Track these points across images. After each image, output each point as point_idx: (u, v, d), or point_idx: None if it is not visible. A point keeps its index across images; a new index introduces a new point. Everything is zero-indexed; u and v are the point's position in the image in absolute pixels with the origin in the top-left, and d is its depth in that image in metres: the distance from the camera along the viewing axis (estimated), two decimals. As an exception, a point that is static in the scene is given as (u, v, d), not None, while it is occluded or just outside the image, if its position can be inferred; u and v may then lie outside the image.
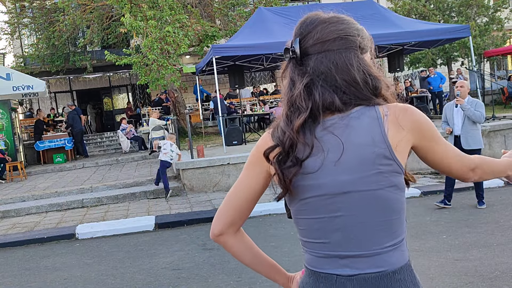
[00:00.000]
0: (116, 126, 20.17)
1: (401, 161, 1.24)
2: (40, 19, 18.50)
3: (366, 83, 1.26)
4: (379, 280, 1.24)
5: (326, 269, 1.28)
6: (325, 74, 1.25)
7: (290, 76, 1.31)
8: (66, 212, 8.65)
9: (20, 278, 5.38)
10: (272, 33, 10.96)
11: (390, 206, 1.24)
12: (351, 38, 1.29)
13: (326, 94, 1.24)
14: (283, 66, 1.36)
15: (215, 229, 1.37)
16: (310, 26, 1.31)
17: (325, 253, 1.28)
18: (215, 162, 9.25)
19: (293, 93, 1.27)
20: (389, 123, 1.24)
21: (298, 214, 1.33)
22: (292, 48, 1.30)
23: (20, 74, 13.60)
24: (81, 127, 15.82)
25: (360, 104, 1.25)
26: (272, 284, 4.54)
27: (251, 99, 19.18)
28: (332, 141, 1.23)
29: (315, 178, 1.24)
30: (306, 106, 1.24)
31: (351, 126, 1.23)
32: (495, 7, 18.33)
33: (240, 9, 16.55)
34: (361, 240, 1.25)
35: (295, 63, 1.30)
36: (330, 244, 1.27)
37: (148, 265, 5.42)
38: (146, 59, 13.30)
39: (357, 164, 1.22)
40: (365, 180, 1.22)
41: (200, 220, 7.22)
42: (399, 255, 1.27)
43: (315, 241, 1.30)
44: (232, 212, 1.36)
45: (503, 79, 20.96)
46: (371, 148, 1.21)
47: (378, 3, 14.36)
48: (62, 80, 21.80)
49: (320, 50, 1.27)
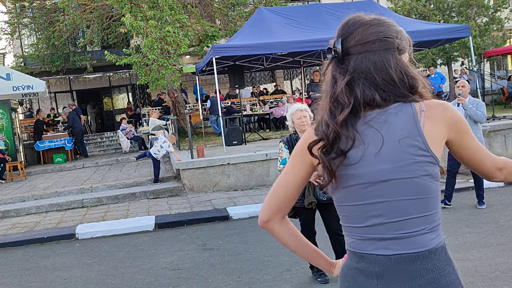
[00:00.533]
0: (116, 126, 20.17)
1: (436, 153, 1.35)
2: (40, 19, 18.49)
3: (403, 81, 1.36)
4: (415, 260, 1.34)
5: (367, 250, 1.40)
6: (365, 73, 1.35)
7: (332, 74, 1.41)
8: (66, 212, 8.65)
9: (20, 278, 5.38)
10: (272, 33, 10.95)
11: (425, 192, 1.35)
12: (390, 40, 1.38)
13: (367, 91, 1.35)
14: (325, 64, 1.46)
15: (263, 216, 1.50)
16: (352, 27, 1.41)
17: (365, 236, 1.40)
18: (215, 162, 9.25)
19: (336, 90, 1.37)
20: (426, 119, 1.35)
21: (340, 202, 1.45)
22: (335, 48, 1.39)
23: (20, 74, 13.60)
24: (81, 127, 15.82)
25: (397, 101, 1.36)
26: (272, 284, 4.55)
27: (251, 99, 19.19)
28: (372, 134, 1.36)
29: (356, 168, 1.36)
30: (349, 102, 1.35)
31: (389, 121, 1.35)
32: (495, 7, 18.34)
33: (240, 9, 16.54)
34: (399, 224, 1.36)
35: (336, 62, 1.40)
36: (370, 228, 1.39)
37: (148, 265, 5.42)
38: (146, 59, 13.29)
39: (395, 155, 1.34)
40: (402, 169, 1.34)
41: (200, 220, 7.22)
42: (434, 237, 1.37)
43: (356, 226, 1.42)
44: (278, 201, 1.48)
45: (503, 79, 20.96)
46: (408, 141, 1.33)
47: (378, 3, 14.36)
48: (62, 80, 21.80)
49: (360, 50, 1.37)
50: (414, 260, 1.35)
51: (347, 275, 1.45)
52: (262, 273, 4.81)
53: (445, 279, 1.35)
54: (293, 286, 4.43)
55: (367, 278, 1.39)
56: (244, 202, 8.04)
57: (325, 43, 7.06)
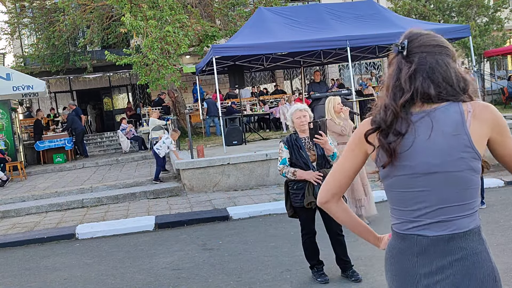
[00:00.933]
0: (116, 126, 20.17)
1: (479, 150, 1.51)
2: (40, 19, 18.48)
3: (458, 82, 1.55)
4: (451, 240, 1.54)
5: (410, 231, 1.59)
6: (427, 68, 1.55)
7: (397, 65, 1.60)
8: (66, 212, 8.65)
9: (20, 278, 5.38)
10: (272, 33, 10.95)
11: (467, 184, 1.53)
12: (447, 47, 1.60)
13: (425, 83, 1.54)
14: (390, 57, 1.66)
15: (322, 198, 1.74)
16: (415, 35, 1.61)
17: (409, 219, 1.59)
18: (215, 162, 9.25)
19: (400, 77, 1.57)
20: (472, 118, 1.51)
21: (390, 188, 1.64)
22: (402, 44, 1.59)
23: (20, 74, 13.59)
24: (82, 127, 15.82)
25: (448, 100, 1.54)
26: (272, 284, 4.55)
27: (251, 99, 19.18)
28: (423, 128, 1.53)
29: (407, 160, 1.55)
30: (410, 89, 1.54)
31: (439, 118, 1.52)
32: (495, 7, 18.34)
33: (240, 9, 16.54)
34: (440, 211, 1.54)
35: (402, 56, 1.59)
36: (414, 212, 1.58)
37: (148, 265, 5.42)
38: (146, 59, 13.29)
39: (442, 150, 1.51)
40: (449, 164, 1.51)
41: (200, 220, 7.22)
42: (471, 221, 1.55)
43: (402, 209, 1.61)
44: (335, 185, 1.71)
45: (503, 79, 20.96)
46: (455, 138, 1.50)
47: (378, 3, 14.36)
48: (62, 80, 21.79)
49: (423, 50, 1.57)
50: (450, 240, 1.54)
51: (392, 253, 1.67)
52: (262, 273, 4.81)
53: (476, 256, 1.53)
54: (293, 286, 4.43)
55: (408, 256, 1.60)
56: (244, 202, 8.04)
57: (325, 43, 7.20)
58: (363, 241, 5.80)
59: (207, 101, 16.14)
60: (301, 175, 4.27)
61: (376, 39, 11.07)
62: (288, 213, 4.56)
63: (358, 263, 4.77)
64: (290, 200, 4.45)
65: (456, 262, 1.53)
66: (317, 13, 11.87)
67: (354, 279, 4.36)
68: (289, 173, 4.31)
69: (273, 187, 9.18)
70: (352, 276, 4.39)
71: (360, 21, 11.67)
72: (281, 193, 8.19)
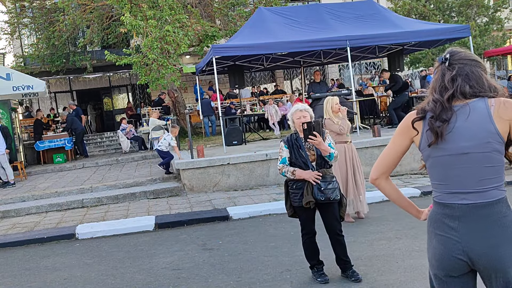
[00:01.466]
0: (116, 126, 20.17)
1: (503, 135, 1.95)
2: (40, 19, 18.48)
3: (488, 85, 2.03)
4: (485, 206, 1.96)
5: (450, 201, 2.02)
6: (464, 74, 2.04)
7: (441, 72, 2.09)
8: (66, 212, 8.65)
9: (20, 278, 5.38)
10: (272, 33, 10.94)
11: (493, 163, 1.97)
12: (479, 62, 2.09)
13: (463, 84, 2.02)
14: (435, 66, 2.15)
15: (374, 175, 2.20)
16: (455, 51, 2.11)
17: (449, 191, 2.03)
18: (215, 162, 9.25)
19: (444, 80, 2.06)
20: (495, 110, 1.95)
21: (431, 167, 2.08)
22: (446, 56, 2.10)
23: (20, 74, 13.58)
24: (82, 127, 15.81)
25: (478, 96, 2.00)
26: (272, 284, 4.54)
27: (251, 99, 19.18)
28: (461, 116, 1.98)
29: (447, 142, 1.99)
30: (452, 87, 2.02)
31: (472, 109, 1.97)
32: (495, 7, 18.34)
33: (240, 9, 16.54)
34: (473, 183, 1.98)
35: (445, 66, 2.09)
36: (452, 185, 2.02)
37: (148, 265, 5.42)
38: (146, 59, 13.28)
39: (474, 135, 1.95)
40: (479, 146, 1.95)
41: (200, 220, 7.22)
42: (499, 192, 1.98)
43: (442, 183, 2.05)
44: (384, 165, 2.18)
45: (503, 79, 20.95)
46: (483, 125, 1.95)
47: (378, 3, 14.35)
48: (62, 80, 21.79)
49: (461, 62, 2.07)
50: (484, 207, 1.96)
51: (435, 218, 2.08)
52: (262, 273, 4.81)
53: (505, 219, 1.96)
54: (293, 286, 4.43)
55: (450, 220, 2.01)
56: (244, 202, 8.04)
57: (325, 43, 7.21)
58: (363, 241, 5.82)
59: (201, 101, 16.22)
60: (300, 175, 4.27)
61: (376, 39, 11.06)
62: (288, 212, 4.56)
63: (358, 263, 4.77)
64: (290, 199, 4.46)
65: (490, 223, 1.95)
66: (317, 13, 11.86)
67: (354, 279, 4.36)
68: (288, 172, 4.32)
69: (273, 187, 9.18)
70: (352, 276, 4.39)
71: (360, 21, 11.66)
72: (281, 193, 8.19)
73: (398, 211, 6.92)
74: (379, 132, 10.28)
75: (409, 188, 8.15)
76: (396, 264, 4.74)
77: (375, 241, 5.55)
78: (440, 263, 2.06)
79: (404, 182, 8.87)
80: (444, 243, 2.02)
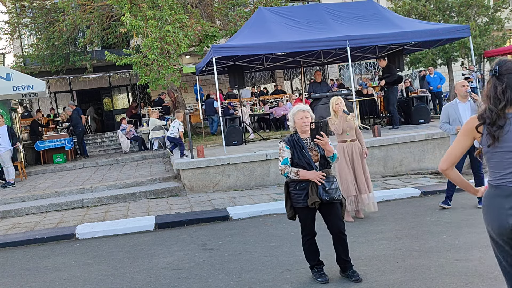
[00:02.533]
0: (116, 126, 20.15)
1: None
2: (40, 19, 18.48)
3: None
4: None
5: (502, 184, 2.50)
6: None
7: (493, 83, 2.51)
8: (66, 212, 8.65)
9: (20, 278, 5.38)
10: (272, 33, 10.94)
11: None
12: None
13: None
14: (488, 78, 2.57)
15: (443, 166, 2.71)
16: (503, 61, 2.52)
17: (502, 176, 2.51)
18: (215, 162, 9.25)
19: (496, 92, 2.47)
20: None
21: (490, 159, 2.55)
22: (495, 69, 2.50)
23: (20, 74, 13.58)
24: (83, 127, 15.83)
25: None
26: (272, 284, 4.54)
27: (251, 99, 19.18)
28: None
29: (503, 142, 2.45)
30: (504, 98, 2.45)
31: None
32: (495, 7, 18.32)
33: (240, 9, 16.53)
34: None
35: (496, 77, 2.50)
36: (505, 171, 2.49)
37: (148, 265, 5.42)
38: (146, 59, 13.28)
39: None
40: None
41: (200, 220, 7.22)
42: None
43: (497, 171, 2.52)
44: (452, 157, 2.69)
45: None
46: None
47: (378, 3, 14.35)
48: (62, 80, 21.77)
49: (510, 72, 2.47)
50: None
51: (489, 198, 2.57)
52: (262, 273, 4.81)
53: None
54: (293, 286, 4.43)
55: (501, 198, 2.49)
56: (244, 202, 8.04)
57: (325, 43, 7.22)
58: (363, 241, 5.81)
59: (205, 101, 16.19)
60: (305, 175, 4.25)
61: (376, 39, 11.06)
62: (288, 214, 4.53)
63: (358, 263, 4.77)
64: (291, 201, 4.43)
65: None
66: (317, 13, 11.86)
67: (354, 279, 4.36)
68: (291, 172, 4.29)
69: (273, 187, 9.18)
70: (352, 276, 4.39)
71: (360, 21, 11.66)
72: (281, 193, 8.19)
73: (398, 211, 6.93)
74: (379, 132, 10.28)
75: (409, 188, 8.15)
76: (396, 264, 4.74)
77: (375, 241, 5.55)
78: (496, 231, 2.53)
79: (404, 182, 8.87)
80: (496, 218, 2.52)
